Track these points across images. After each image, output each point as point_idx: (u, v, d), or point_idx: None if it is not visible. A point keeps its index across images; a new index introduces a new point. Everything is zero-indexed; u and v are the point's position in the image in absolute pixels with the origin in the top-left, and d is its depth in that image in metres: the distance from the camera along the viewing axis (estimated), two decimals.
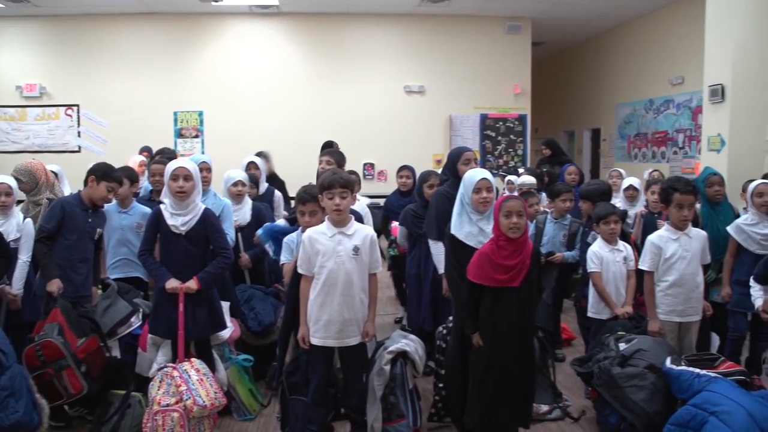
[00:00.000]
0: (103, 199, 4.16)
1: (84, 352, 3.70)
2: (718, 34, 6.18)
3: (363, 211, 5.23)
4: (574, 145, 14.06)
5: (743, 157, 6.02)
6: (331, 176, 3.34)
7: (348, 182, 3.33)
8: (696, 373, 3.30)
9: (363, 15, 10.70)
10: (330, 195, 3.29)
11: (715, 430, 2.93)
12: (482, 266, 3.30)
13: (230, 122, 10.41)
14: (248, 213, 4.90)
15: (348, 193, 3.31)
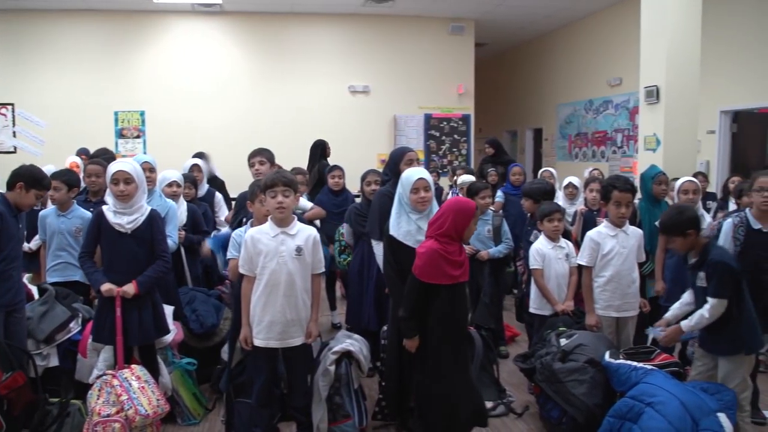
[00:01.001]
0: (30, 206, 3.99)
1: (7, 388, 3.45)
2: (653, 37, 6.36)
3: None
4: (517, 144, 14.30)
5: (677, 156, 6.21)
6: (274, 175, 3.32)
7: (291, 181, 3.32)
8: (633, 366, 3.39)
9: (307, 14, 10.65)
10: (273, 193, 3.26)
11: (651, 420, 3.02)
12: (437, 265, 3.24)
13: (173, 122, 10.22)
14: (183, 214, 4.81)
15: (291, 192, 3.30)
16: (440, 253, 3.23)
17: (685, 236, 3.42)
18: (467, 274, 3.32)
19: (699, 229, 3.46)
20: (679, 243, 3.47)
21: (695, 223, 3.44)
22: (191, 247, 4.71)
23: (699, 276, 3.40)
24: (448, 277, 3.25)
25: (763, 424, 3.92)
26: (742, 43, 7.83)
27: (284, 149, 7.10)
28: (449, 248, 3.25)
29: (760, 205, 3.84)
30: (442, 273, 3.24)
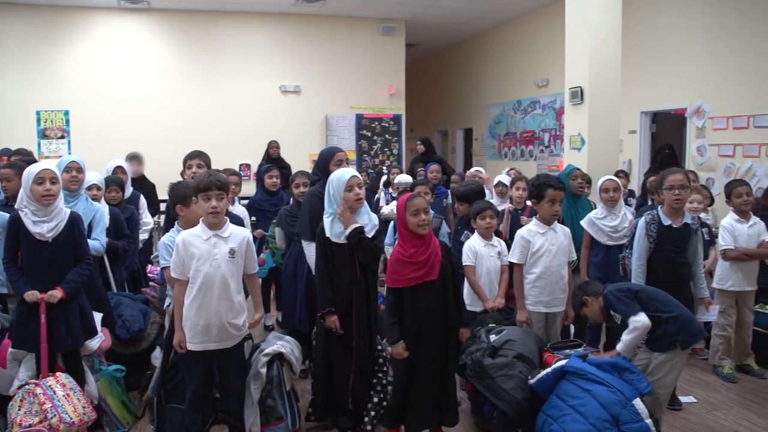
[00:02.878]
0: None
1: None
2: (576, 41, 6.55)
3: (242, 215, 5.14)
4: (448, 144, 14.49)
5: (601, 155, 6.41)
6: (207, 177, 3.27)
7: (224, 184, 3.27)
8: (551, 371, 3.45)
9: (238, 13, 10.51)
10: (206, 197, 3.21)
11: (574, 422, 3.13)
12: (397, 270, 3.32)
13: (99, 122, 9.92)
14: (105, 217, 4.63)
15: (224, 195, 3.26)
16: (398, 257, 3.34)
17: (586, 305, 3.61)
18: (434, 272, 3.32)
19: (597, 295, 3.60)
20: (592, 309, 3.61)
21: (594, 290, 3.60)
22: (114, 251, 4.56)
23: (615, 319, 3.52)
24: (409, 280, 3.31)
25: (679, 410, 4.09)
26: (660, 48, 8.17)
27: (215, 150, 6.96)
28: (410, 250, 3.32)
29: (671, 203, 4.03)
30: (402, 276, 3.32)
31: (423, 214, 3.32)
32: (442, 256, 3.38)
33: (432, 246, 3.37)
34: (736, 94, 7.19)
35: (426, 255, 3.32)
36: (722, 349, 4.79)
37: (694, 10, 7.73)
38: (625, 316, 3.41)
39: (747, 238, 4.74)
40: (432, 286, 3.33)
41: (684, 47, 7.86)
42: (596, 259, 4.68)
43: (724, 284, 4.77)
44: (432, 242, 3.38)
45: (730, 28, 7.26)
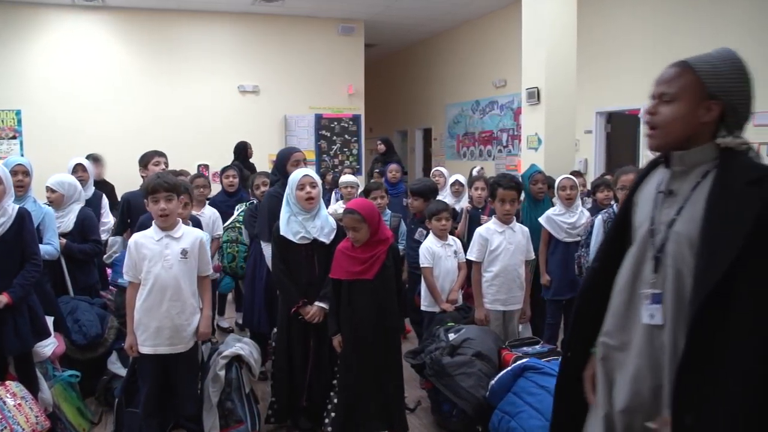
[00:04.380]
0: None
1: None
2: (533, 41, 6.63)
3: (213, 216, 5.09)
4: (407, 144, 14.54)
5: (557, 155, 6.50)
6: (155, 180, 3.24)
7: (173, 186, 3.25)
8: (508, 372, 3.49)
9: (195, 12, 10.39)
10: (155, 199, 3.19)
11: (531, 419, 3.19)
12: (339, 261, 3.39)
13: (53, 123, 9.67)
14: (71, 221, 4.53)
15: (174, 197, 3.23)
16: (342, 251, 3.41)
17: None
18: (371, 272, 3.34)
19: None
20: None
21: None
22: (71, 255, 4.45)
23: None
24: (346, 273, 3.35)
25: None
26: (615, 50, 8.33)
27: (173, 150, 6.88)
28: (356, 244, 3.37)
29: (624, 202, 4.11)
30: (341, 268, 3.38)
31: (351, 233, 3.37)
32: (386, 259, 3.39)
33: (379, 246, 3.39)
34: None
35: (368, 253, 3.35)
36: None
37: (647, 13, 7.90)
38: None
39: None
40: (367, 285, 3.34)
41: (637, 49, 8.03)
42: (554, 255, 4.76)
43: None
44: (380, 243, 3.41)
45: (680, 30, 7.44)
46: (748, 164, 1.58)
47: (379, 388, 3.42)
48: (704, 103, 1.62)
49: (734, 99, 1.62)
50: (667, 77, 1.70)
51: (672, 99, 1.66)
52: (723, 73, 1.63)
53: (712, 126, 1.63)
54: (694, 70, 1.65)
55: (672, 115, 1.65)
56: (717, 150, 1.63)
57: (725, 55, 1.67)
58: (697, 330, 1.49)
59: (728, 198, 1.53)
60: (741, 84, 1.63)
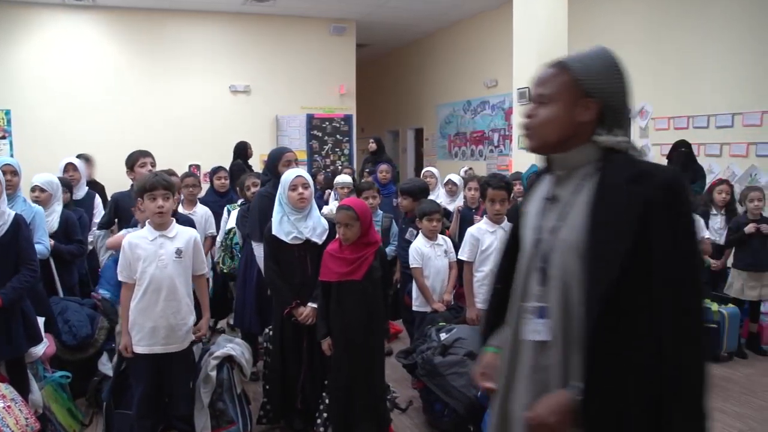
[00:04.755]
0: None
1: None
2: (524, 42, 6.66)
3: (206, 215, 5.08)
4: (399, 144, 14.55)
5: None
6: (153, 177, 3.24)
7: (170, 184, 3.25)
8: None
9: (187, 12, 10.36)
10: (152, 197, 3.18)
11: None
12: (326, 263, 3.39)
13: (44, 123, 9.61)
14: (55, 221, 4.51)
15: (170, 195, 3.23)
16: (329, 252, 3.40)
17: None
18: (359, 273, 3.33)
19: None
20: None
21: None
22: (60, 256, 4.44)
23: None
24: (334, 274, 3.35)
25: None
26: None
27: (164, 150, 6.88)
28: (344, 246, 3.37)
29: None
30: (328, 270, 3.37)
31: (343, 229, 3.34)
32: (374, 260, 3.39)
33: (367, 248, 3.39)
34: (676, 96, 7.41)
35: (356, 254, 3.35)
36: None
37: (637, 14, 7.94)
38: None
39: None
40: (355, 286, 3.34)
41: (627, 49, 8.02)
42: None
43: None
44: (368, 244, 3.40)
45: (671, 32, 7.48)
46: (627, 162, 1.53)
47: (368, 389, 3.43)
48: (581, 103, 1.56)
49: (610, 97, 1.57)
50: (543, 78, 1.65)
51: (548, 100, 1.60)
52: (597, 71, 1.58)
53: (591, 126, 1.57)
54: (569, 70, 1.59)
55: (548, 117, 1.59)
56: (599, 151, 1.56)
57: (599, 53, 1.63)
58: (595, 342, 1.44)
59: (610, 199, 1.48)
60: (616, 81, 1.59)
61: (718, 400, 4.31)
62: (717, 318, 5.07)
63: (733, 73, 6.78)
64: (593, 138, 1.56)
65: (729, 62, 6.81)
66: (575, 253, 1.50)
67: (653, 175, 1.46)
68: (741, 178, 6.60)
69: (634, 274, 1.42)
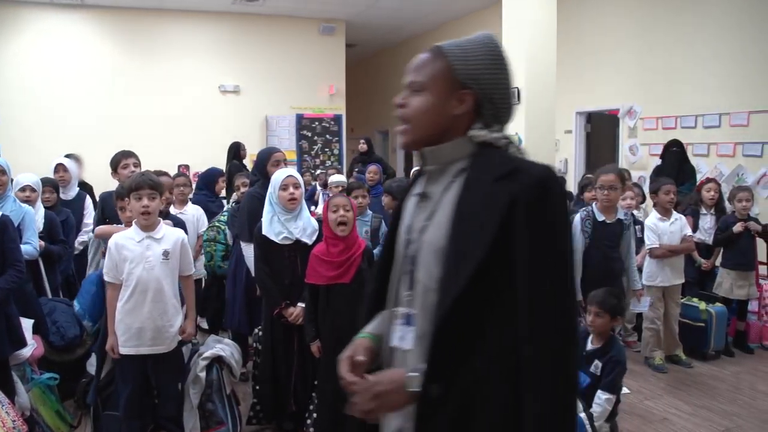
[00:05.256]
0: None
1: None
2: (513, 42, 6.66)
3: (197, 214, 5.06)
4: (389, 144, 14.54)
5: (538, 154, 6.41)
6: (139, 177, 3.23)
7: (157, 184, 3.23)
8: None
9: (175, 11, 10.31)
10: (138, 196, 3.17)
11: None
12: (314, 266, 3.36)
13: (31, 123, 9.54)
14: (40, 221, 4.48)
15: (157, 195, 3.22)
16: (316, 255, 3.37)
17: (613, 319, 3.61)
18: (348, 276, 3.32)
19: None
20: (605, 322, 3.59)
21: (624, 312, 3.67)
22: (50, 256, 4.42)
23: (595, 364, 3.56)
24: (322, 278, 3.33)
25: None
26: (594, 51, 8.41)
27: (153, 150, 6.86)
28: (331, 249, 3.33)
29: (602, 201, 4.20)
30: (317, 273, 3.35)
31: (342, 210, 3.30)
32: (362, 261, 3.37)
33: (353, 249, 3.37)
34: (664, 96, 7.46)
35: (344, 257, 3.33)
36: (652, 341, 4.97)
37: (626, 15, 7.98)
38: (609, 389, 3.50)
39: (670, 234, 4.95)
40: (345, 289, 3.32)
41: (616, 50, 8.11)
42: None
43: (653, 281, 4.95)
44: (354, 245, 3.38)
45: (659, 33, 7.52)
46: (500, 159, 1.40)
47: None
48: (456, 93, 1.42)
49: (488, 88, 1.43)
50: (417, 64, 1.52)
51: (421, 88, 1.48)
52: (475, 60, 1.43)
53: (467, 119, 1.43)
54: (444, 56, 1.45)
55: (421, 107, 1.47)
56: (474, 146, 1.43)
57: (481, 40, 1.47)
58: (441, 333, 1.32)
59: (474, 198, 1.35)
60: (495, 72, 1.44)
61: (706, 398, 4.35)
62: (705, 317, 5.11)
63: (720, 74, 6.83)
64: (468, 132, 1.43)
65: (716, 63, 6.86)
66: (436, 255, 1.38)
67: (524, 172, 1.34)
68: (728, 178, 6.64)
69: (492, 272, 1.30)
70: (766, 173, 6.39)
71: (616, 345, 3.64)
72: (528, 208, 1.29)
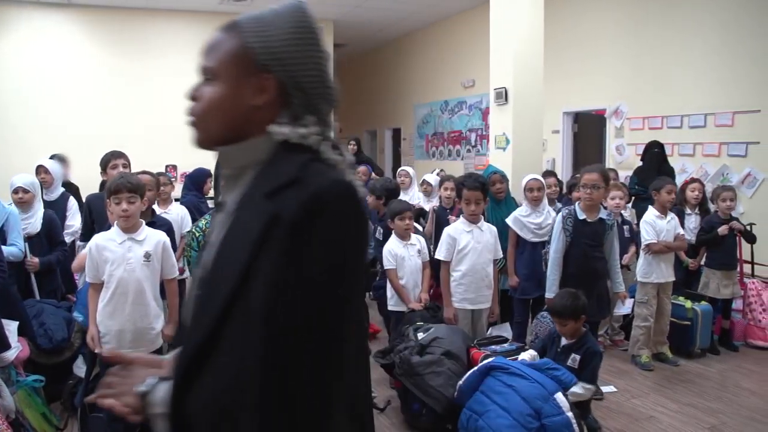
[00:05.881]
0: None
1: None
2: (501, 42, 6.68)
3: (182, 213, 5.04)
4: (377, 144, 14.55)
5: (525, 154, 6.56)
6: (118, 180, 3.22)
7: (136, 186, 3.23)
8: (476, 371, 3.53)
9: (162, 11, 10.26)
10: (117, 200, 3.16)
11: (499, 418, 3.22)
12: None
13: (18, 123, 9.46)
14: (38, 222, 4.46)
15: (137, 198, 3.21)
16: None
17: (578, 320, 3.70)
18: None
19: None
20: (571, 326, 3.71)
21: (586, 308, 3.72)
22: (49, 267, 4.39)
23: (573, 357, 3.68)
24: None
25: (600, 400, 4.26)
26: (581, 52, 8.45)
27: (141, 150, 6.82)
28: None
29: (584, 201, 4.23)
30: None
31: None
32: None
33: None
34: (650, 97, 7.51)
35: None
36: (642, 339, 5.00)
37: (613, 15, 8.03)
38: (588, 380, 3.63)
39: (666, 233, 5.00)
40: None
41: (603, 50, 8.16)
42: (522, 255, 4.81)
43: (648, 277, 4.99)
44: None
45: (646, 33, 7.57)
46: (287, 167, 1.08)
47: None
48: (254, 79, 1.13)
49: (295, 70, 1.14)
50: (208, 45, 1.21)
51: (213, 75, 1.17)
52: (277, 35, 1.14)
53: (271, 111, 1.14)
54: (239, 32, 1.16)
55: (212, 100, 1.16)
56: (275, 145, 1.13)
57: (285, 10, 1.18)
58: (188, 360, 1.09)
59: (244, 218, 1.09)
60: (303, 49, 1.15)
61: (692, 396, 4.39)
62: (690, 315, 5.15)
63: (705, 75, 6.88)
64: (268, 128, 1.13)
65: (702, 64, 6.92)
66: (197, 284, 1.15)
67: (302, 184, 1.03)
68: (713, 178, 6.70)
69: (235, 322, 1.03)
70: (750, 173, 6.45)
71: (589, 337, 3.79)
72: (289, 229, 0.99)
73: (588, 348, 3.69)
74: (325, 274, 1.01)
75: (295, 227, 0.99)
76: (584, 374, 3.61)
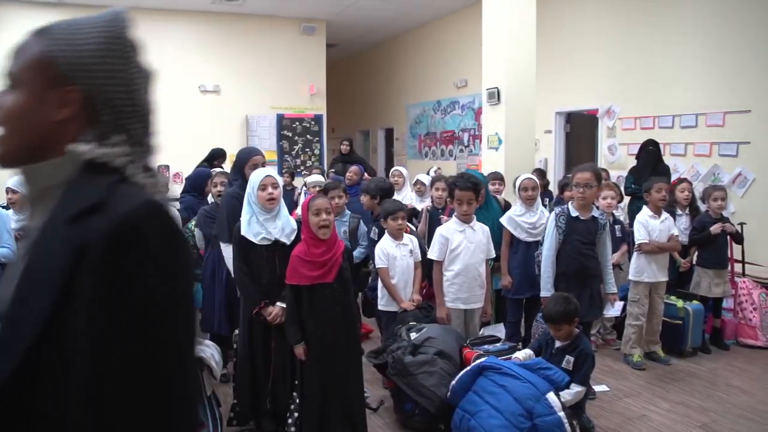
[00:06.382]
0: None
1: None
2: (493, 42, 6.70)
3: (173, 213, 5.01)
4: (369, 144, 14.55)
5: (518, 154, 6.58)
6: None
7: None
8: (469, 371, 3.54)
9: (154, 10, 10.22)
10: None
11: (491, 418, 3.23)
12: (296, 267, 3.35)
13: None
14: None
15: None
16: (298, 255, 3.36)
17: (571, 323, 3.71)
18: (331, 275, 3.33)
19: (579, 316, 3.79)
20: (565, 330, 3.72)
21: (579, 310, 3.73)
22: None
23: (567, 359, 3.69)
24: (306, 278, 3.33)
25: (593, 399, 4.27)
26: (573, 52, 8.48)
27: None
28: (313, 249, 3.34)
29: (577, 200, 4.25)
30: (299, 274, 3.34)
31: (324, 214, 3.33)
32: (342, 260, 3.39)
33: (334, 248, 3.39)
34: (642, 97, 7.54)
35: (326, 257, 3.34)
36: (634, 338, 5.02)
37: (605, 15, 8.06)
38: (581, 382, 3.63)
39: (659, 232, 5.01)
40: (328, 288, 3.34)
41: (596, 51, 8.19)
42: (515, 254, 4.82)
43: (640, 276, 5.01)
44: (335, 245, 3.41)
45: (638, 34, 7.60)
46: (89, 189, 0.97)
47: (341, 393, 3.43)
48: (56, 91, 1.01)
49: (104, 84, 1.05)
50: (16, 47, 1.08)
51: (16, 83, 1.04)
52: (86, 45, 1.05)
53: (75, 127, 1.03)
54: (47, 37, 1.06)
55: (9, 109, 1.03)
56: (79, 165, 1.02)
57: (101, 18, 1.13)
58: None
59: (45, 247, 0.95)
60: (113, 61, 1.07)
61: (683, 395, 4.41)
62: (682, 314, 5.17)
63: (696, 75, 6.91)
64: (68, 146, 1.02)
65: (693, 64, 6.95)
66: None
67: (107, 209, 0.92)
68: (704, 177, 6.73)
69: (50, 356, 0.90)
70: (741, 173, 6.48)
71: (583, 339, 3.79)
72: (101, 267, 0.88)
73: (582, 350, 3.68)
74: (153, 316, 0.90)
75: (107, 265, 0.88)
76: (578, 376, 3.62)
